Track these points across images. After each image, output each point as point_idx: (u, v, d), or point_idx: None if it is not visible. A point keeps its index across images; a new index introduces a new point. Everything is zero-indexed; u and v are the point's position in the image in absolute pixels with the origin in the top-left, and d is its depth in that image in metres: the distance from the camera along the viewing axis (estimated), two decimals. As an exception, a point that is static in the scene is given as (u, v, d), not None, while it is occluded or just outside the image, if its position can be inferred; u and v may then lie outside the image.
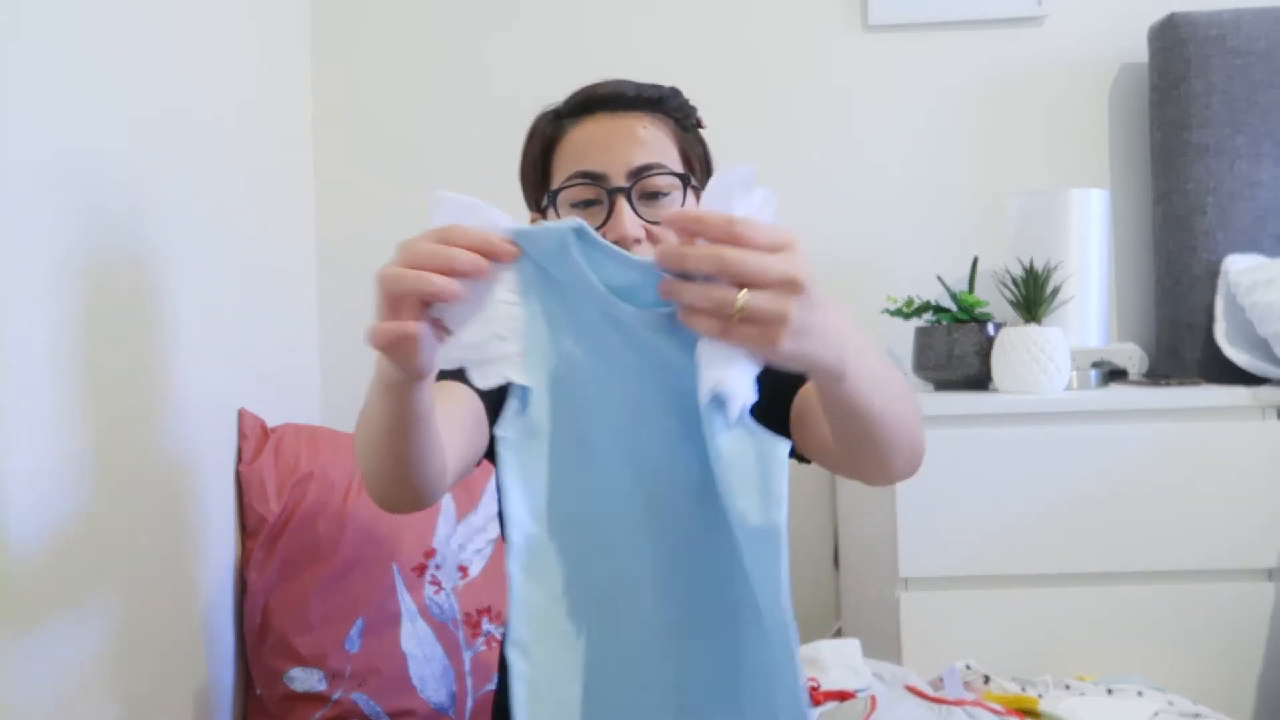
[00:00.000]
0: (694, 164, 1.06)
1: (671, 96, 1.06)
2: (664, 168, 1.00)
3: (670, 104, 1.05)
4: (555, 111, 1.07)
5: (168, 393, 1.29)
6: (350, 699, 1.45)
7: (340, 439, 1.60)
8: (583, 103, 1.03)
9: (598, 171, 0.99)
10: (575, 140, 1.02)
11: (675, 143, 1.04)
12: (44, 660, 1.02)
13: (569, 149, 1.03)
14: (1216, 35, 1.71)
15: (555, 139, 1.04)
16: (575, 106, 1.04)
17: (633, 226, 0.97)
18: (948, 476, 1.40)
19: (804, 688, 0.68)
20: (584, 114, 1.03)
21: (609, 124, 1.01)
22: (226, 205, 1.50)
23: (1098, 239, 1.71)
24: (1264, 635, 1.38)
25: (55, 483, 1.05)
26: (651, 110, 1.04)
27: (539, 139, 1.06)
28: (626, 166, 0.99)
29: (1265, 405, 1.41)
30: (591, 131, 1.02)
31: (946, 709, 0.97)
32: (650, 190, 0.99)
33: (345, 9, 1.93)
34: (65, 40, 1.09)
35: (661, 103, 1.04)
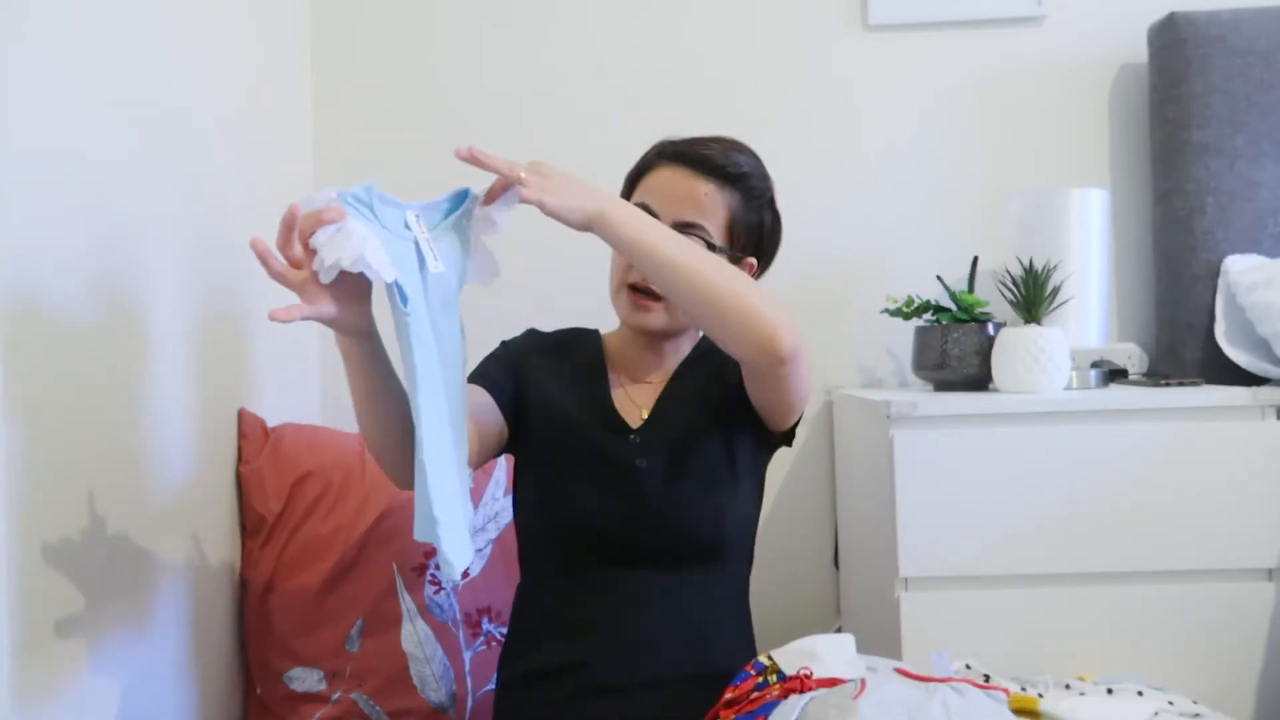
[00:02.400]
0: (739, 236, 1.22)
1: (749, 177, 1.22)
2: (702, 232, 1.18)
3: (743, 184, 1.21)
4: (662, 146, 1.24)
5: (168, 392, 1.29)
6: (350, 699, 1.45)
7: (340, 439, 1.60)
8: (677, 153, 1.22)
9: (652, 208, 1.17)
10: (655, 179, 1.22)
11: (728, 214, 1.20)
12: (43, 660, 1.02)
13: (648, 183, 1.23)
14: (1216, 35, 1.71)
15: (646, 170, 1.24)
16: (671, 153, 1.22)
17: None
18: (948, 476, 1.40)
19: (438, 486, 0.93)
20: (674, 161, 1.21)
21: (683, 179, 1.20)
22: (226, 205, 1.50)
23: (1098, 239, 1.71)
24: (1264, 635, 1.38)
25: (55, 482, 1.05)
26: (725, 183, 1.20)
27: (640, 163, 1.26)
28: (675, 218, 1.18)
29: (1265, 405, 1.41)
30: (668, 178, 1.21)
31: (933, 686, 0.98)
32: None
33: (345, 9, 1.93)
34: (65, 40, 1.09)
35: (737, 180, 1.21)
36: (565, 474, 1.20)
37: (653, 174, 1.22)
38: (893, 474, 1.40)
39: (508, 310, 1.82)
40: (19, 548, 0.98)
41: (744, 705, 1.02)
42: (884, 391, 1.70)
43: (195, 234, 1.39)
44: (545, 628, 1.20)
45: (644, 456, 1.19)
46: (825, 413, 1.91)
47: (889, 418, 1.41)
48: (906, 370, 1.89)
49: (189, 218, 1.37)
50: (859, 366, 1.92)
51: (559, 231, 1.07)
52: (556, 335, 1.36)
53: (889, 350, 1.91)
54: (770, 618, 1.41)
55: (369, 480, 1.53)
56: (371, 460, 1.56)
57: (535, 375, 1.28)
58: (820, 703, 0.94)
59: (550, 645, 1.19)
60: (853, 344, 1.91)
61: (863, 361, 1.92)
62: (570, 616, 1.19)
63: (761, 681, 1.04)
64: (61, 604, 1.06)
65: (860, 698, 0.93)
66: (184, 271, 1.35)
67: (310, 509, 1.50)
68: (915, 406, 1.41)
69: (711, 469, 1.20)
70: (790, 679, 1.02)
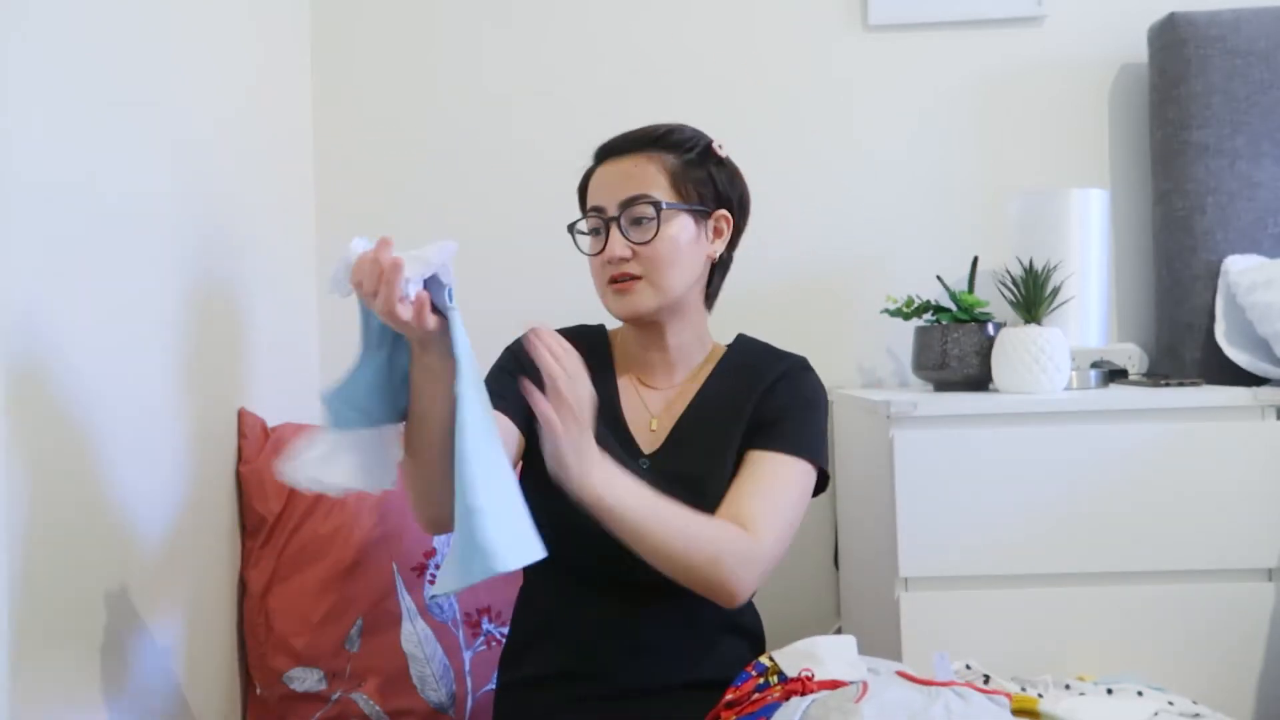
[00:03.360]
0: (688, 190, 1.23)
1: (667, 134, 1.24)
2: (647, 197, 1.20)
3: (666, 140, 1.23)
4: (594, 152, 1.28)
5: (168, 392, 1.29)
6: (350, 699, 1.45)
7: (340, 439, 1.60)
8: (599, 153, 1.27)
9: (600, 205, 1.23)
10: (593, 183, 1.26)
11: (666, 173, 1.22)
12: (43, 660, 1.02)
13: (589, 190, 1.27)
14: (1216, 35, 1.71)
15: (586, 182, 1.29)
16: (596, 155, 1.28)
17: (619, 248, 1.20)
18: (948, 476, 1.40)
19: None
20: (600, 161, 1.27)
21: (610, 168, 1.24)
22: (226, 205, 1.50)
23: (1098, 239, 1.71)
24: (1264, 635, 1.38)
25: (56, 482, 1.05)
26: (646, 149, 1.23)
27: (581, 181, 1.30)
28: (618, 199, 1.21)
29: (1265, 405, 1.41)
30: (600, 175, 1.25)
31: (935, 689, 0.98)
32: (636, 217, 1.20)
33: (345, 9, 1.93)
34: (65, 41, 1.09)
35: (656, 141, 1.23)
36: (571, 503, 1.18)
37: (591, 181, 1.26)
38: (893, 474, 1.40)
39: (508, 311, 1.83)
40: (18, 548, 0.98)
41: (745, 706, 1.02)
42: (884, 391, 1.70)
43: (195, 234, 1.39)
44: (546, 632, 1.20)
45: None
46: (825, 413, 1.91)
47: (889, 418, 1.41)
48: (906, 370, 1.89)
49: (189, 217, 1.37)
50: (859, 366, 1.92)
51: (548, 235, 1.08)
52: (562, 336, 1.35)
53: (889, 350, 1.91)
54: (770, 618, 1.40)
55: (369, 480, 1.53)
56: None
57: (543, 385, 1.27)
58: (822, 705, 0.94)
59: (551, 649, 1.18)
60: (853, 344, 1.91)
61: (863, 361, 1.92)
62: (572, 621, 1.18)
63: (763, 683, 1.04)
64: (61, 604, 1.06)
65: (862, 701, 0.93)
66: (184, 271, 1.35)
67: (310, 509, 1.50)
68: (915, 406, 1.41)
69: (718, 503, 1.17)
70: (792, 681, 1.02)
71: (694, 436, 1.22)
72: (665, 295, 1.22)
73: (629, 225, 1.20)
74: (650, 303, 1.22)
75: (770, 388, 1.23)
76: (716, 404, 1.24)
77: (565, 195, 1.37)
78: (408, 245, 1.02)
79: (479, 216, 1.91)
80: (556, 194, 1.87)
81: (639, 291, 1.21)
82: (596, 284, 1.26)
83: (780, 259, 1.90)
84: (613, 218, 1.21)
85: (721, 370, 1.28)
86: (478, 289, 1.92)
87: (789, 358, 1.28)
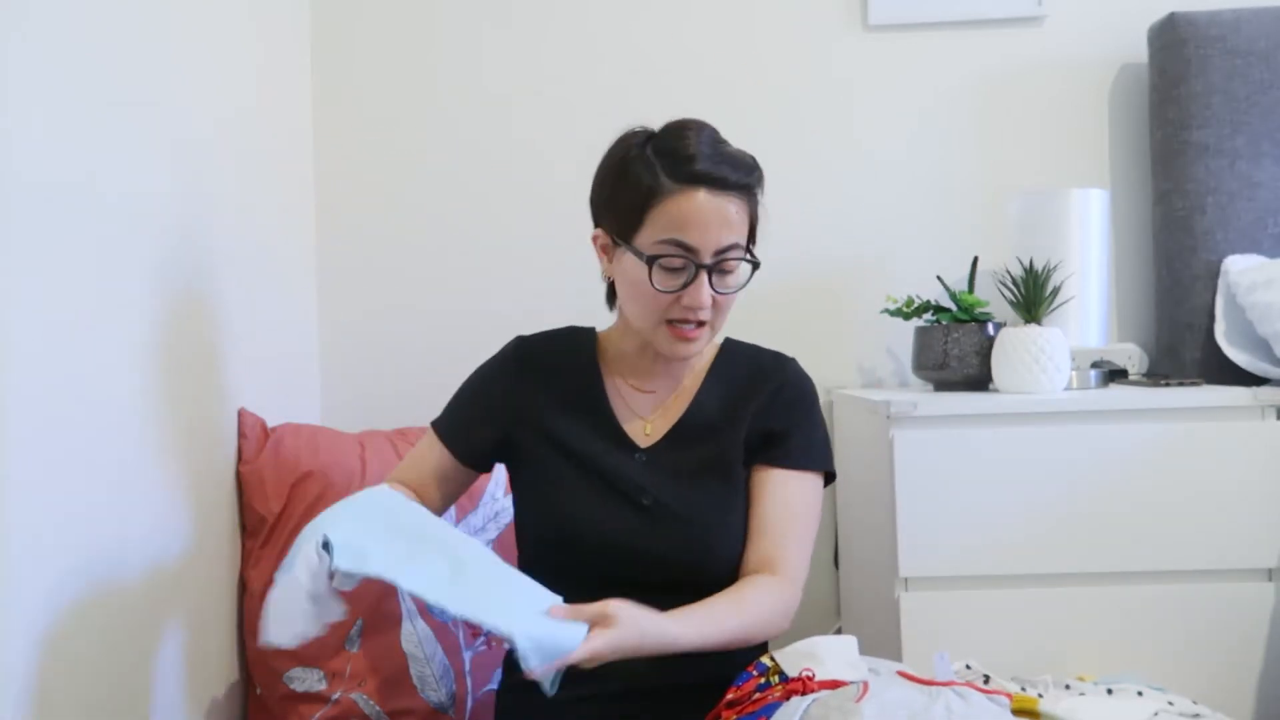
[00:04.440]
0: (754, 232, 1.18)
1: (758, 176, 1.16)
2: (740, 248, 1.14)
3: (758, 178, 1.16)
4: (660, 168, 1.12)
5: (168, 392, 1.29)
6: (350, 699, 1.45)
7: (340, 439, 1.60)
8: (692, 175, 1.10)
9: (692, 245, 1.11)
10: (676, 209, 1.11)
11: (749, 219, 1.16)
12: (42, 660, 1.02)
13: (669, 215, 1.11)
14: (1216, 35, 1.71)
15: (657, 196, 1.11)
16: (685, 176, 1.11)
17: (706, 298, 1.12)
18: (948, 476, 1.40)
19: None
20: (693, 184, 1.11)
21: (709, 203, 1.11)
22: (226, 205, 1.50)
23: (1098, 239, 1.71)
24: (1264, 635, 1.38)
25: (56, 483, 1.05)
26: (745, 191, 1.14)
27: (640, 187, 1.12)
28: (715, 246, 1.11)
29: (1265, 405, 1.41)
30: (693, 208, 1.10)
31: (936, 690, 0.98)
32: (728, 269, 1.14)
33: (345, 9, 1.93)
34: (65, 41, 1.09)
35: (753, 179, 1.15)
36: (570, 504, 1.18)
37: (671, 201, 1.11)
38: (893, 474, 1.40)
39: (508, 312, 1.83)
40: (19, 548, 0.98)
41: (746, 706, 1.02)
42: (884, 391, 1.70)
43: (195, 234, 1.39)
44: None
45: (649, 493, 1.17)
46: (825, 413, 1.90)
47: (889, 418, 1.41)
48: (906, 370, 1.89)
49: (189, 217, 1.37)
50: (859, 366, 1.92)
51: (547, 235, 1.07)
52: (548, 344, 1.29)
53: (889, 350, 1.91)
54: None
55: (369, 480, 1.53)
56: (371, 460, 1.56)
57: (528, 407, 1.23)
58: (822, 705, 0.94)
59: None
60: (853, 344, 1.91)
61: (863, 361, 1.92)
62: None
63: (764, 682, 1.04)
64: (61, 604, 1.05)
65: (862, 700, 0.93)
66: (184, 271, 1.35)
67: (310, 509, 1.49)
68: (915, 406, 1.41)
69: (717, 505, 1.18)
70: (792, 680, 1.02)
71: (691, 440, 1.21)
72: (715, 336, 1.21)
73: (717, 274, 1.13)
74: (703, 345, 1.19)
75: (773, 397, 1.23)
76: (713, 408, 1.23)
77: (564, 195, 1.36)
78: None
79: (480, 217, 1.91)
80: (556, 194, 1.88)
81: (701, 339, 1.17)
82: (644, 315, 1.16)
83: (780, 259, 1.89)
84: (705, 265, 1.11)
85: (715, 376, 1.26)
86: (478, 290, 1.92)
87: (782, 360, 1.28)
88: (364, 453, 1.57)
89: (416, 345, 1.91)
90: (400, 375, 1.90)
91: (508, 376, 1.26)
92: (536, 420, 1.22)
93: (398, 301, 1.92)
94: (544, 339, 1.30)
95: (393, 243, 1.92)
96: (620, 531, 1.16)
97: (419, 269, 1.91)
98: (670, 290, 1.12)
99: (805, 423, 1.23)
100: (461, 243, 1.91)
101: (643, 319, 1.17)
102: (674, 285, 1.12)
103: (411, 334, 1.91)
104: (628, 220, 1.13)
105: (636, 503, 1.17)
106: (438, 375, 1.41)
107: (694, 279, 1.11)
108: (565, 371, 1.26)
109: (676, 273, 1.12)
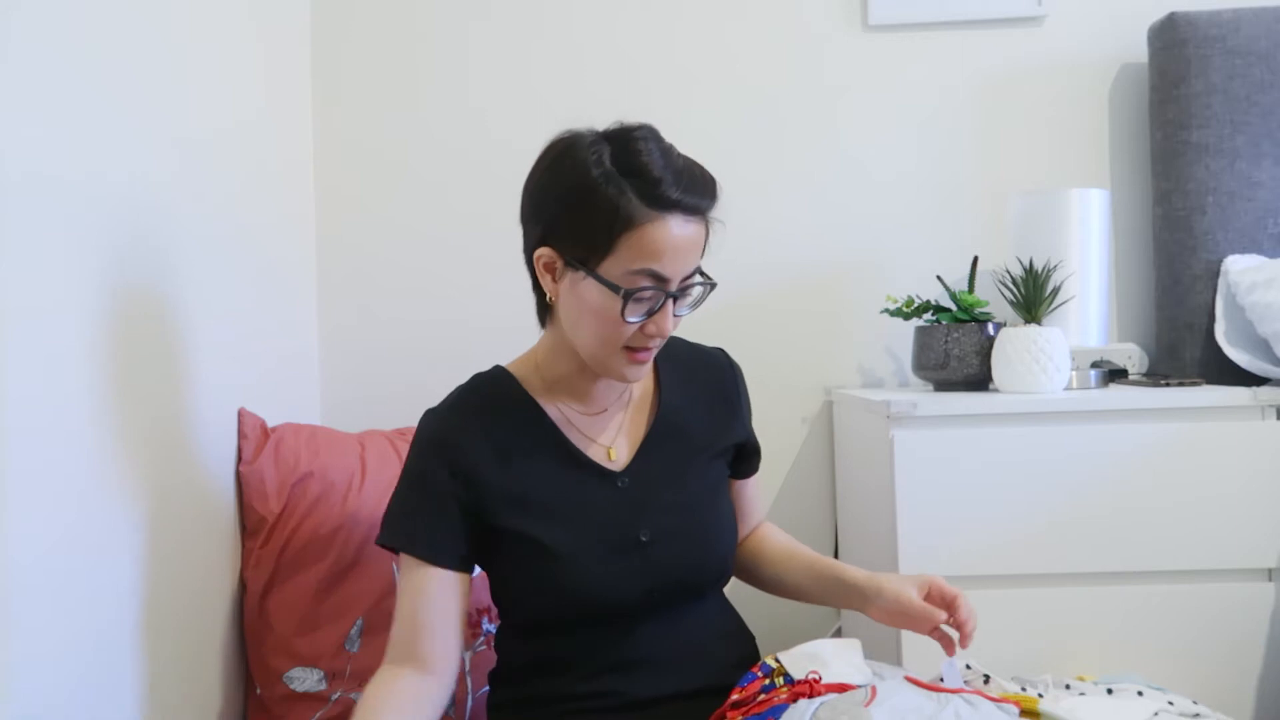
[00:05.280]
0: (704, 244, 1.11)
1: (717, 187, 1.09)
2: (702, 274, 1.10)
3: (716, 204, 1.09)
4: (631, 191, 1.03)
5: (168, 392, 1.29)
6: (350, 699, 1.44)
7: (340, 439, 1.60)
8: (665, 201, 1.03)
9: (665, 275, 1.05)
10: (653, 237, 1.03)
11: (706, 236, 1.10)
12: (43, 660, 1.02)
13: (645, 242, 1.03)
14: (1216, 35, 1.71)
15: (631, 221, 1.03)
16: (655, 200, 1.03)
17: (671, 325, 1.09)
18: (948, 476, 1.40)
19: None
20: (670, 210, 1.03)
21: (681, 231, 1.04)
22: (226, 205, 1.50)
23: (1098, 239, 1.71)
24: (1264, 635, 1.38)
25: (56, 483, 1.05)
26: (708, 213, 1.09)
27: (609, 208, 1.03)
28: (684, 273, 1.07)
29: (1265, 405, 1.41)
30: (666, 234, 1.03)
31: (945, 696, 0.98)
32: (689, 291, 1.10)
33: (345, 9, 1.93)
34: (65, 42, 1.09)
35: (715, 199, 1.09)
36: (571, 583, 1.11)
37: (646, 231, 1.03)
38: (893, 474, 1.40)
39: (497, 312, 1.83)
40: (20, 548, 0.98)
41: (751, 707, 1.02)
42: (884, 391, 1.70)
43: (194, 233, 1.39)
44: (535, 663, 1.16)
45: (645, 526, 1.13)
46: (825, 413, 1.91)
47: (889, 418, 1.41)
48: (906, 370, 1.89)
49: (188, 217, 1.37)
50: (859, 366, 1.92)
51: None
52: (464, 405, 1.17)
53: (889, 350, 1.91)
54: (770, 618, 1.41)
55: (369, 480, 1.53)
56: (371, 461, 1.56)
57: (482, 480, 1.12)
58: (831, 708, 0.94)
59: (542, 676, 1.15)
60: (853, 344, 1.91)
61: (863, 361, 1.92)
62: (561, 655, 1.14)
63: (769, 684, 1.04)
64: (60, 604, 1.05)
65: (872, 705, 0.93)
66: (183, 271, 1.35)
67: (310, 509, 1.49)
68: (915, 406, 1.41)
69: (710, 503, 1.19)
70: (799, 683, 1.01)
71: (668, 442, 1.18)
72: None
73: (680, 298, 1.09)
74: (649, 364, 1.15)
75: (737, 406, 1.25)
76: (683, 404, 1.21)
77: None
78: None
79: (480, 217, 1.91)
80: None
81: (651, 359, 1.13)
82: (601, 342, 1.09)
83: (780, 259, 1.90)
84: (673, 293, 1.07)
85: (667, 373, 1.23)
86: (478, 289, 1.92)
87: (729, 362, 1.28)
88: (364, 453, 1.57)
89: (417, 344, 1.91)
90: (400, 375, 1.90)
91: (441, 455, 1.13)
92: (497, 490, 1.12)
93: (398, 301, 1.92)
94: (454, 399, 1.19)
95: (393, 242, 1.92)
96: (628, 588, 1.11)
97: (419, 268, 1.91)
98: (638, 320, 1.06)
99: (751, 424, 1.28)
100: (462, 242, 1.91)
101: (597, 346, 1.10)
102: (641, 314, 1.06)
103: (412, 333, 1.91)
104: (593, 245, 1.04)
105: (635, 540, 1.12)
106: (438, 374, 1.41)
107: (661, 307, 1.07)
108: (497, 422, 1.15)
109: (645, 302, 1.06)
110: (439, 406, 1.18)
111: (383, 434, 1.65)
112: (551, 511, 1.12)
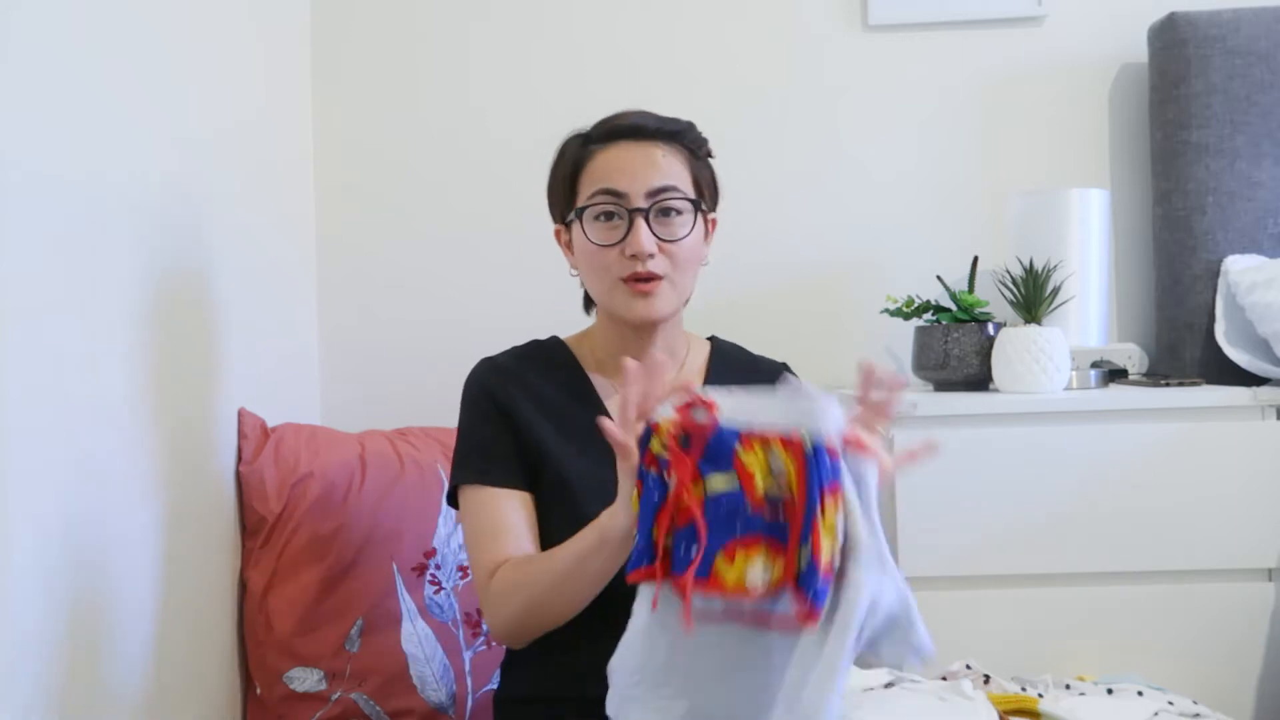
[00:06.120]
0: (704, 190, 1.18)
1: (688, 130, 1.17)
2: (679, 191, 1.13)
3: (686, 136, 1.17)
4: (584, 137, 1.17)
5: (168, 392, 1.29)
6: (350, 699, 1.45)
7: (340, 439, 1.60)
8: (609, 131, 1.15)
9: (620, 190, 1.12)
10: (600, 163, 1.14)
11: (689, 170, 1.16)
12: (42, 661, 1.02)
13: (595, 171, 1.14)
14: (1216, 35, 1.71)
15: (582, 162, 1.16)
16: (602, 134, 1.15)
17: (648, 243, 1.11)
18: (948, 476, 1.40)
19: None
20: (609, 140, 1.15)
21: (631, 150, 1.13)
22: (226, 205, 1.50)
23: (1098, 239, 1.71)
24: (1264, 635, 1.38)
25: (55, 483, 1.05)
26: (669, 141, 1.15)
27: (568, 161, 1.17)
28: (645, 188, 1.12)
29: (1265, 405, 1.41)
30: (615, 156, 1.14)
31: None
32: (664, 209, 1.13)
33: (345, 12, 1.93)
34: (64, 44, 1.09)
35: (679, 135, 1.16)
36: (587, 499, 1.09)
37: (595, 161, 1.14)
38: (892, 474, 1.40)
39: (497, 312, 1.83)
40: (20, 547, 0.98)
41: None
42: (884, 391, 1.70)
43: (194, 234, 1.39)
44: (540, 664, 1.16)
45: None
46: (825, 413, 1.90)
47: (889, 418, 1.41)
48: (906, 370, 1.88)
49: (188, 217, 1.37)
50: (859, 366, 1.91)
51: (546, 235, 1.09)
52: (518, 363, 1.22)
53: (889, 350, 1.91)
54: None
55: (369, 480, 1.53)
56: (371, 461, 1.56)
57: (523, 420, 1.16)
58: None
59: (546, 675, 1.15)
60: (852, 344, 1.91)
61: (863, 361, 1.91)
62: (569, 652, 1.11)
63: None
64: (61, 604, 1.05)
65: None
66: (183, 271, 1.35)
67: (310, 509, 1.49)
68: (915, 406, 1.41)
69: None
70: None
71: None
72: (682, 298, 1.18)
73: (657, 219, 1.12)
74: (670, 306, 1.15)
75: None
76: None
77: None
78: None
79: (480, 216, 1.91)
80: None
81: (661, 294, 1.13)
82: (598, 281, 1.14)
83: (780, 258, 1.90)
84: (639, 209, 1.11)
85: (716, 377, 1.22)
86: (479, 288, 1.92)
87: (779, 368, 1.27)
88: (364, 453, 1.57)
89: (417, 344, 1.91)
90: (400, 375, 1.90)
91: (499, 399, 1.17)
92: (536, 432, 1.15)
93: (398, 300, 1.92)
94: (508, 351, 1.24)
95: (393, 242, 1.91)
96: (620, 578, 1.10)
97: (419, 268, 1.91)
98: (610, 243, 1.11)
99: None
100: (462, 242, 1.91)
101: (600, 286, 1.15)
102: (613, 237, 1.12)
103: (412, 333, 1.91)
104: (565, 196, 1.17)
105: None
106: (438, 374, 1.41)
107: (631, 225, 1.11)
108: (551, 386, 1.20)
109: (612, 222, 1.12)
110: (494, 356, 1.23)
111: (383, 434, 1.65)
112: (582, 475, 1.12)
